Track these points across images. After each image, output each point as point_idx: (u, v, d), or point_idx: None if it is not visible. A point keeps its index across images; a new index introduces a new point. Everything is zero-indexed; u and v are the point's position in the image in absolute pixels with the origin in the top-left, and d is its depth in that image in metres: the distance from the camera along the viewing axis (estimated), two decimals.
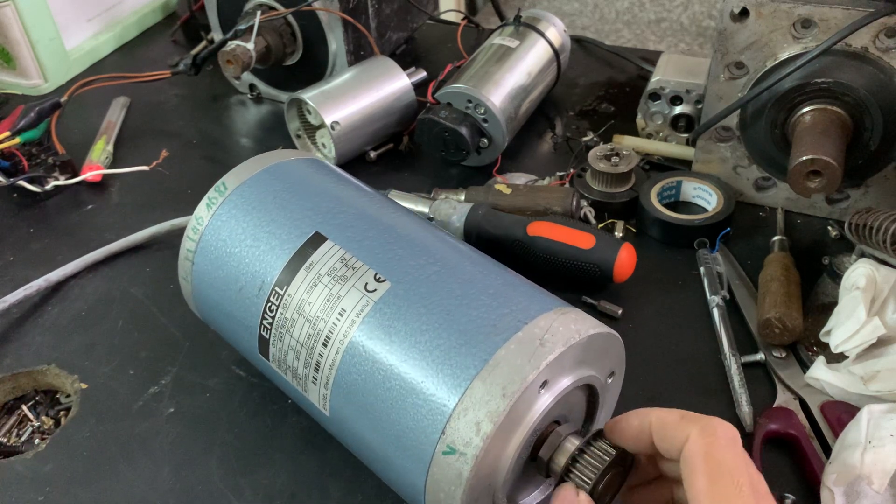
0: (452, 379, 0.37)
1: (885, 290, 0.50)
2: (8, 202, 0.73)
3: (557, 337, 0.37)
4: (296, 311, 0.43)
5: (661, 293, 0.60)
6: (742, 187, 0.68)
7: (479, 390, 0.36)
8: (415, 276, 0.42)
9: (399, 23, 0.89)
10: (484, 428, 0.35)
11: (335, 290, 0.42)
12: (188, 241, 0.49)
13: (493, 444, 0.36)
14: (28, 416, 0.55)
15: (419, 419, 0.37)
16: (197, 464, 0.49)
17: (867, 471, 0.41)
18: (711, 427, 0.35)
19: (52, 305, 0.61)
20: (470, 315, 0.39)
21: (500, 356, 0.37)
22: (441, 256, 0.43)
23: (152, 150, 0.76)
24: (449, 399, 0.37)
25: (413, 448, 0.38)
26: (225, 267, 0.47)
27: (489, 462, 0.37)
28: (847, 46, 0.57)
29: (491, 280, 0.42)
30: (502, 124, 0.71)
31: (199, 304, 0.50)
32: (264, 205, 0.47)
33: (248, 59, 0.76)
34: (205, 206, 0.49)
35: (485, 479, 0.37)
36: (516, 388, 0.36)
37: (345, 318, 0.41)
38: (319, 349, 0.42)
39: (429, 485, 0.37)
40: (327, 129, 0.71)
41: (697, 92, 0.72)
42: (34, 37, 0.87)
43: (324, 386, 0.42)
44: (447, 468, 0.36)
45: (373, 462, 0.42)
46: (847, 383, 0.48)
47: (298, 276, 0.43)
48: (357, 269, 0.42)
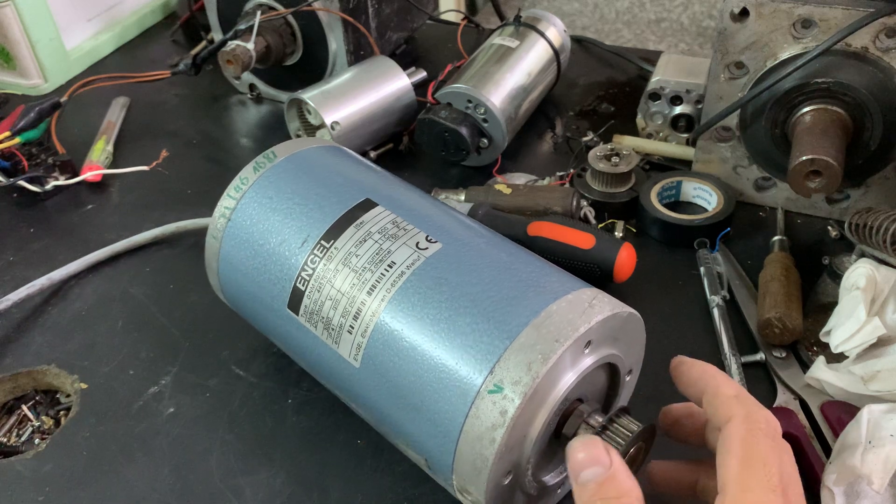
0: (505, 325, 0.38)
1: (885, 290, 0.50)
2: (8, 202, 0.73)
3: (604, 304, 0.39)
4: (341, 263, 0.43)
5: (661, 293, 0.60)
6: (742, 187, 0.68)
7: (531, 336, 0.37)
8: (465, 242, 0.43)
9: (399, 23, 0.89)
10: (535, 367, 0.36)
11: (385, 246, 0.43)
12: (228, 199, 0.49)
13: (539, 388, 0.36)
14: (28, 416, 0.55)
15: (466, 359, 0.38)
16: (197, 464, 0.49)
17: (867, 471, 0.41)
18: (757, 415, 0.36)
19: (52, 305, 0.61)
20: (520, 277, 0.40)
21: (552, 310, 0.38)
22: (485, 233, 0.45)
23: (152, 150, 0.76)
24: (501, 342, 0.37)
25: (456, 386, 0.37)
26: (266, 222, 0.47)
27: (527, 416, 0.37)
28: (847, 46, 0.57)
29: (534, 258, 0.44)
30: (502, 124, 0.71)
31: (224, 263, 0.49)
32: (315, 171, 0.48)
33: (248, 59, 0.76)
34: (252, 168, 0.49)
35: (521, 430, 0.37)
36: (569, 337, 0.36)
37: (394, 269, 0.42)
38: (363, 298, 0.42)
39: (467, 424, 0.37)
40: (327, 129, 0.71)
41: (697, 92, 0.72)
42: (34, 37, 0.87)
43: (360, 334, 0.41)
44: (492, 406, 0.36)
45: (401, 413, 0.41)
46: (847, 383, 0.48)
47: (348, 231, 0.44)
48: (408, 230, 0.43)
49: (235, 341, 0.57)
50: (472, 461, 0.37)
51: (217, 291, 0.52)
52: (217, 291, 0.52)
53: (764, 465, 0.33)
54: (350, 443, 0.50)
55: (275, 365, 0.55)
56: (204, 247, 0.50)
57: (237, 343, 0.57)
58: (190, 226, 0.67)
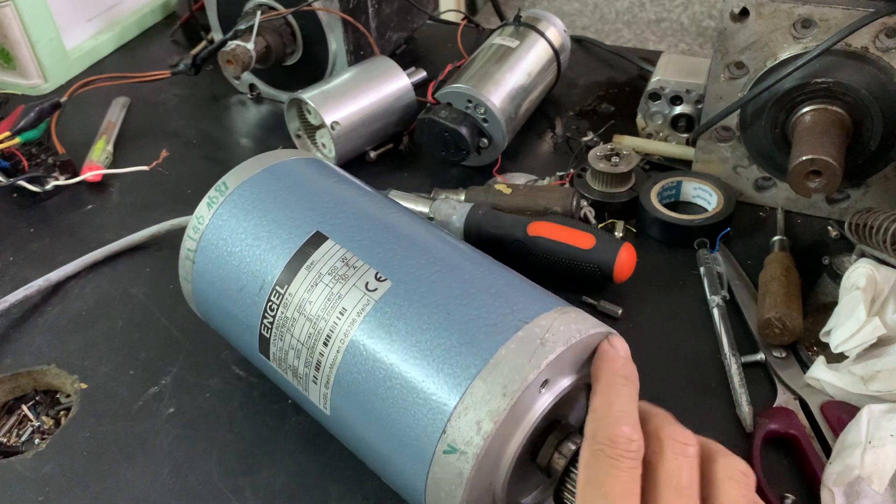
0: (453, 378, 0.37)
1: (885, 290, 0.50)
2: (8, 202, 0.73)
3: (558, 336, 0.37)
4: (296, 311, 0.43)
5: (661, 293, 0.60)
6: (742, 187, 0.68)
7: (479, 389, 0.36)
8: (415, 275, 0.42)
9: (399, 23, 0.89)
10: (485, 427, 0.35)
11: (336, 290, 0.42)
12: (189, 241, 0.49)
13: (493, 443, 0.36)
14: (28, 416, 0.55)
15: (420, 418, 0.37)
16: (197, 464, 0.49)
17: (867, 471, 0.41)
18: (600, 434, 0.36)
19: (52, 305, 0.61)
20: (471, 314, 0.39)
21: (501, 355, 0.37)
22: (442, 256, 0.43)
23: (152, 150, 0.76)
24: (450, 398, 0.37)
25: (414, 447, 0.38)
26: (225, 266, 0.47)
27: (490, 462, 0.37)
28: (847, 46, 0.57)
29: (492, 280, 0.42)
30: (502, 124, 0.71)
31: (199, 303, 0.50)
32: (265, 204, 0.47)
33: (248, 59, 0.76)
34: (206, 205, 0.49)
35: (485, 478, 0.37)
36: (517, 388, 0.36)
37: (345, 317, 0.41)
38: (320, 348, 0.42)
39: (429, 484, 0.37)
40: (327, 129, 0.71)
41: (697, 92, 0.72)
42: (34, 37, 0.87)
43: (324, 385, 0.42)
44: (448, 467, 0.36)
45: (373, 461, 0.42)
46: (847, 383, 0.48)
47: (299, 275, 0.43)
48: (358, 268, 0.42)
49: None
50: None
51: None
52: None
53: (600, 486, 0.34)
54: None
55: None
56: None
57: None
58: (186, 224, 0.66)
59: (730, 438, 0.49)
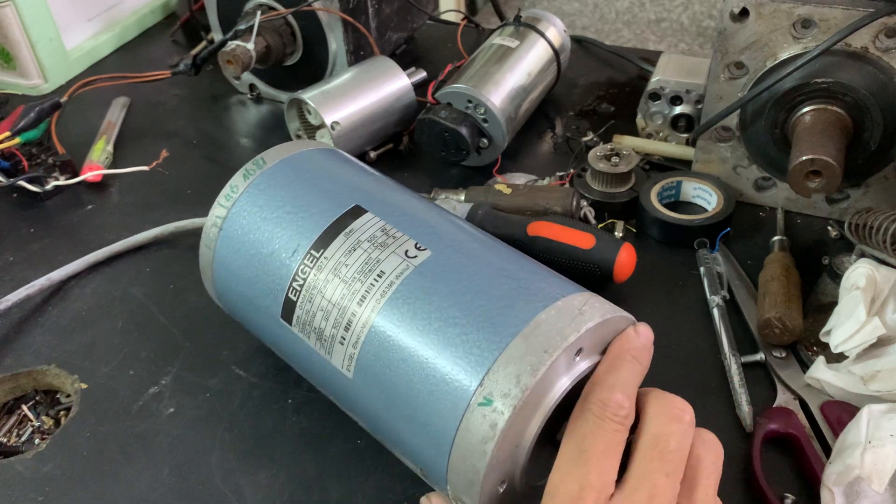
0: (494, 335, 0.38)
1: (885, 290, 0.50)
2: (8, 202, 0.73)
3: (595, 310, 0.39)
4: (331, 273, 0.43)
5: (661, 293, 0.60)
6: (742, 187, 0.68)
7: (520, 347, 0.37)
8: (454, 247, 0.43)
9: (399, 23, 0.89)
10: (524, 380, 0.36)
11: (374, 255, 0.43)
12: (219, 208, 0.49)
13: (530, 399, 0.36)
14: (28, 416, 0.55)
15: (457, 371, 0.38)
16: (197, 464, 0.49)
17: (867, 471, 0.41)
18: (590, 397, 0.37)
19: (52, 305, 0.61)
20: (510, 283, 0.40)
21: (542, 319, 0.38)
22: (477, 236, 0.45)
23: (152, 150, 0.76)
24: (490, 353, 0.37)
25: (446, 400, 0.38)
26: (257, 231, 0.47)
27: (519, 425, 0.37)
28: (847, 46, 0.57)
29: (526, 261, 0.44)
30: (502, 124, 0.71)
31: (219, 272, 0.50)
32: (303, 179, 0.48)
33: (248, 59, 0.76)
34: (241, 175, 0.49)
35: (514, 438, 0.37)
36: (558, 347, 0.37)
37: (383, 279, 0.42)
38: (353, 308, 0.42)
39: (458, 439, 0.37)
40: (327, 130, 0.71)
41: (697, 92, 0.72)
42: (34, 37, 0.87)
43: (352, 345, 0.42)
44: (482, 419, 0.36)
45: (392, 424, 0.42)
46: (847, 383, 0.48)
47: (337, 240, 0.44)
48: (398, 238, 0.43)
49: (235, 341, 0.57)
50: (464, 473, 0.37)
51: (214, 298, 0.52)
52: (214, 298, 0.52)
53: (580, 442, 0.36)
54: (350, 443, 0.50)
55: (275, 365, 0.55)
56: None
57: (237, 343, 0.57)
58: (189, 225, 0.67)
59: (730, 438, 0.49)
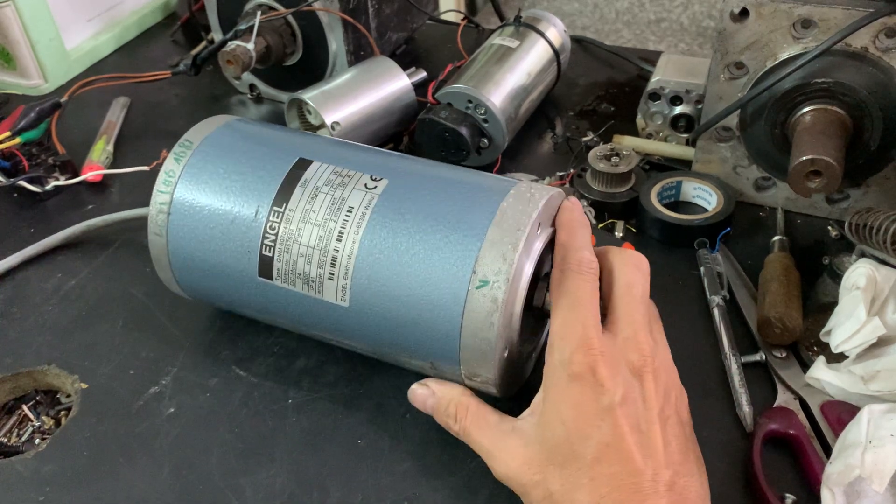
0: (471, 230, 0.44)
1: (885, 290, 0.50)
2: (8, 202, 0.73)
3: (541, 192, 0.46)
4: (301, 221, 0.46)
5: (661, 293, 0.60)
6: (742, 187, 0.68)
7: (496, 233, 0.43)
8: (406, 171, 0.48)
9: (399, 23, 0.89)
10: (509, 256, 0.42)
11: (337, 195, 0.46)
12: (160, 195, 0.50)
13: (516, 269, 0.42)
14: (28, 416, 0.55)
15: (449, 268, 0.43)
16: (197, 464, 0.49)
17: (867, 471, 0.41)
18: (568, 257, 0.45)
19: (52, 305, 0.61)
20: (467, 187, 0.47)
21: (505, 207, 0.44)
22: (419, 160, 0.51)
23: (152, 150, 0.75)
24: (473, 245, 0.43)
25: (447, 293, 0.43)
26: (211, 206, 0.49)
27: (511, 295, 0.43)
28: (847, 46, 0.58)
29: (467, 171, 0.50)
30: (502, 124, 0.71)
31: (175, 255, 0.51)
32: (238, 148, 0.51)
33: (248, 59, 0.76)
34: (173, 160, 0.51)
35: (509, 309, 0.43)
36: (525, 224, 0.43)
37: (354, 212, 0.46)
38: (334, 245, 0.45)
39: (466, 319, 0.43)
40: (327, 130, 0.71)
41: (697, 92, 0.72)
42: (34, 37, 0.87)
43: (343, 277, 0.45)
44: (483, 299, 0.42)
45: (396, 338, 0.46)
46: (847, 383, 0.48)
47: (296, 193, 0.47)
48: (352, 175, 0.47)
49: (235, 341, 0.57)
50: (477, 348, 0.43)
51: (169, 285, 0.53)
52: (169, 285, 0.53)
53: (574, 293, 0.43)
54: (350, 443, 0.50)
55: (275, 365, 0.55)
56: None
57: (237, 343, 0.57)
58: (131, 216, 0.68)
59: (730, 438, 0.49)
